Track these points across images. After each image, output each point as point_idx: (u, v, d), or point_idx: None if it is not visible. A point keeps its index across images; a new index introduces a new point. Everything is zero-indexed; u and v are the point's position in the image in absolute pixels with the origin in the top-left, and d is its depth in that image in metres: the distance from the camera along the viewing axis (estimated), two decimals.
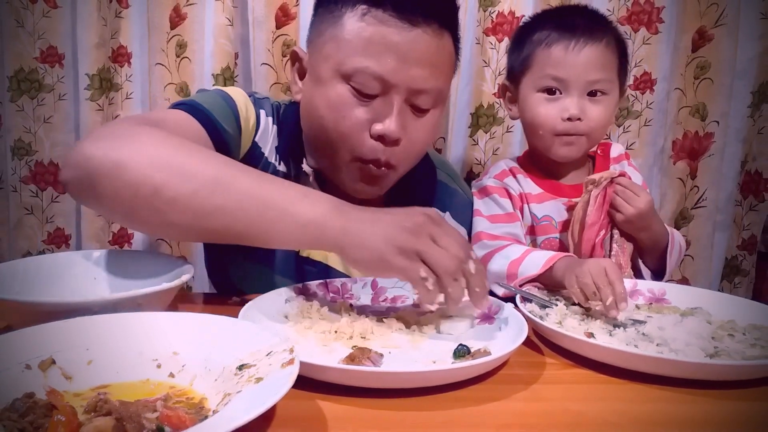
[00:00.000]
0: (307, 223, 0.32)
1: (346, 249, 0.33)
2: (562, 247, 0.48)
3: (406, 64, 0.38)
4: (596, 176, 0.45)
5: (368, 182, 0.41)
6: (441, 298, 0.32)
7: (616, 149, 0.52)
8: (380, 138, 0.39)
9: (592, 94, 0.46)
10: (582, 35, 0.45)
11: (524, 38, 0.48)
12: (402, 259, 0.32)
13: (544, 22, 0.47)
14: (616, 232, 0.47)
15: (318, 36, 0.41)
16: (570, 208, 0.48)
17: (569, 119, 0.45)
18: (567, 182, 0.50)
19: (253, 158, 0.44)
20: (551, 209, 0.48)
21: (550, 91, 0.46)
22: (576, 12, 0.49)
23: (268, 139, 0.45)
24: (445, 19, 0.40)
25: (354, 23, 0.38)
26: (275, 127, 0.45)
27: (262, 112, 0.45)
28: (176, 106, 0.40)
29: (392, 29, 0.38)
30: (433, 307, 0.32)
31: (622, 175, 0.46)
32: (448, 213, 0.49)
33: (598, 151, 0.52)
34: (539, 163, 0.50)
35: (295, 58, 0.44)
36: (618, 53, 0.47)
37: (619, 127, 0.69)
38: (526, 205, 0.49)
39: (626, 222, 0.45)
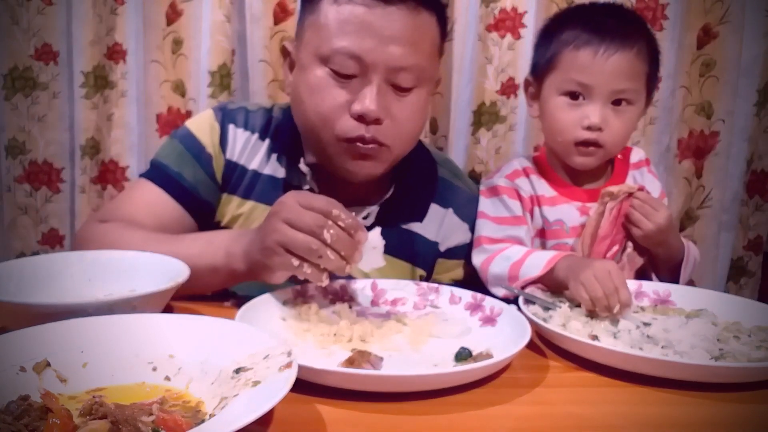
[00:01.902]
0: (218, 270, 0.38)
1: (254, 274, 0.36)
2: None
3: (382, 42, 0.38)
4: (614, 189, 0.44)
5: (360, 158, 0.41)
6: (328, 270, 0.33)
7: (637, 154, 0.50)
8: (360, 118, 0.39)
9: (616, 102, 0.43)
10: (613, 40, 0.42)
11: (552, 35, 0.46)
12: (275, 258, 0.34)
13: (575, 19, 0.45)
14: (630, 245, 0.45)
15: (300, 26, 0.42)
16: (583, 214, 0.46)
17: (589, 128, 0.43)
18: (583, 186, 0.48)
19: (231, 174, 0.46)
20: (564, 213, 0.47)
21: (573, 96, 0.44)
22: (609, 12, 0.46)
23: (242, 149, 0.46)
24: None
25: (329, 7, 0.39)
26: (254, 134, 0.46)
27: (231, 126, 0.46)
28: (142, 174, 0.46)
29: (365, 9, 0.38)
30: (325, 282, 0.33)
31: (641, 189, 0.44)
32: (450, 209, 0.48)
33: (618, 155, 0.49)
34: (556, 163, 0.48)
35: (285, 52, 0.44)
36: (649, 61, 0.44)
37: None
38: (537, 208, 0.47)
39: (644, 238, 0.44)
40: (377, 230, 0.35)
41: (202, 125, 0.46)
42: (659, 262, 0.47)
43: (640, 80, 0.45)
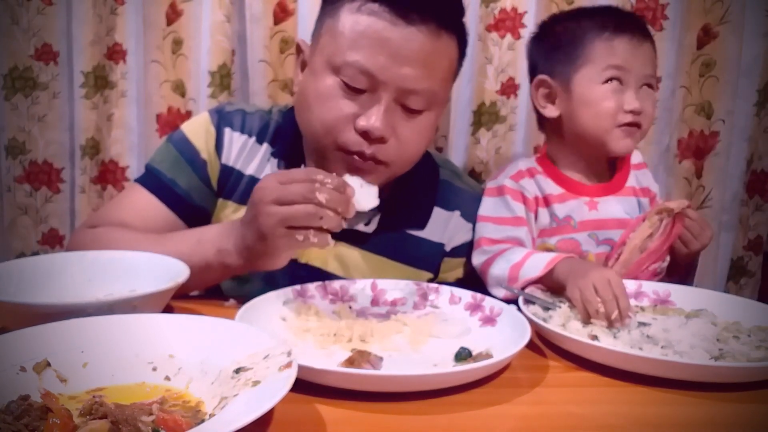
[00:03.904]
0: (211, 266, 0.38)
1: (253, 264, 0.36)
2: (579, 248, 0.46)
3: (397, 61, 0.37)
4: (673, 205, 0.44)
5: (356, 172, 0.40)
6: (331, 233, 0.33)
7: (636, 156, 0.51)
8: (364, 134, 0.39)
9: (642, 87, 0.45)
10: (637, 30, 0.46)
11: (572, 36, 0.47)
12: (278, 241, 0.34)
13: (591, 19, 0.47)
14: (668, 258, 0.46)
15: (318, 28, 0.41)
16: (592, 209, 0.46)
17: (632, 112, 0.44)
18: (588, 182, 0.48)
19: (227, 179, 0.46)
20: (572, 209, 0.47)
21: (613, 82, 0.45)
22: (617, 11, 0.49)
23: (238, 153, 0.46)
24: (445, 19, 0.39)
25: (349, 15, 0.38)
26: (251, 137, 0.46)
27: (227, 130, 0.46)
28: (137, 179, 0.46)
29: (386, 24, 0.37)
30: (332, 244, 0.34)
31: (689, 206, 0.44)
32: (457, 212, 0.48)
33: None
34: (562, 162, 0.48)
35: (298, 50, 0.44)
36: (656, 54, 0.48)
37: None
38: (544, 208, 0.47)
39: (688, 255, 0.45)
40: (347, 176, 0.36)
41: (198, 129, 0.46)
42: (679, 270, 0.47)
43: (656, 68, 0.47)
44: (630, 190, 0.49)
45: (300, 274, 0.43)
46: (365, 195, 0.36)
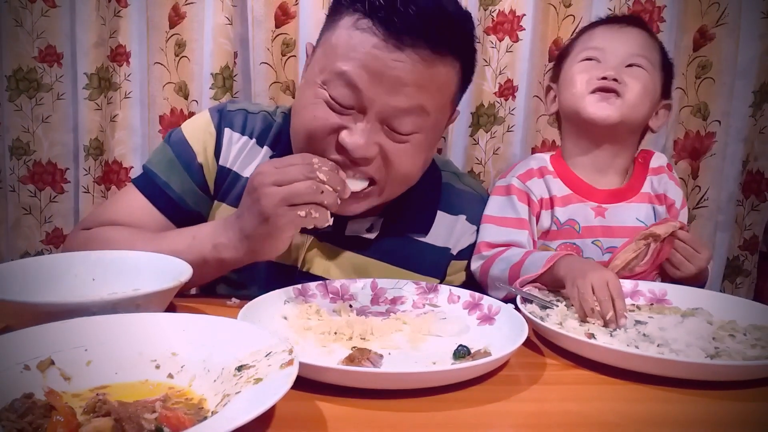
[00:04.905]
0: (207, 262, 0.38)
1: (253, 254, 0.37)
2: (580, 254, 0.45)
3: (383, 82, 0.36)
4: (660, 230, 0.42)
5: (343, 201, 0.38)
6: (330, 208, 0.35)
7: (657, 160, 0.49)
8: (346, 152, 0.38)
9: (629, 66, 0.45)
10: (624, 20, 0.48)
11: (567, 46, 0.50)
12: (280, 220, 0.34)
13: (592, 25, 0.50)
14: (658, 277, 0.45)
15: (318, 40, 0.41)
16: (598, 215, 0.45)
17: (605, 78, 0.44)
18: (600, 186, 0.47)
19: (223, 180, 0.46)
20: (577, 213, 0.46)
21: (589, 61, 0.46)
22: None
23: (237, 155, 0.45)
24: (443, 46, 0.37)
25: (344, 30, 0.38)
26: (252, 139, 0.45)
27: (227, 131, 0.45)
28: (134, 180, 0.46)
29: (378, 42, 0.36)
30: (330, 221, 0.35)
31: (682, 227, 0.43)
32: (463, 216, 0.47)
33: (639, 159, 0.49)
34: (574, 161, 0.47)
35: (307, 52, 0.43)
36: (660, 52, 0.48)
37: None
38: (547, 211, 0.46)
39: (682, 278, 0.44)
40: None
41: (197, 130, 0.45)
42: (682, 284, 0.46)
43: (654, 54, 0.47)
44: (645, 196, 0.47)
45: (302, 281, 0.42)
46: (356, 179, 0.38)
